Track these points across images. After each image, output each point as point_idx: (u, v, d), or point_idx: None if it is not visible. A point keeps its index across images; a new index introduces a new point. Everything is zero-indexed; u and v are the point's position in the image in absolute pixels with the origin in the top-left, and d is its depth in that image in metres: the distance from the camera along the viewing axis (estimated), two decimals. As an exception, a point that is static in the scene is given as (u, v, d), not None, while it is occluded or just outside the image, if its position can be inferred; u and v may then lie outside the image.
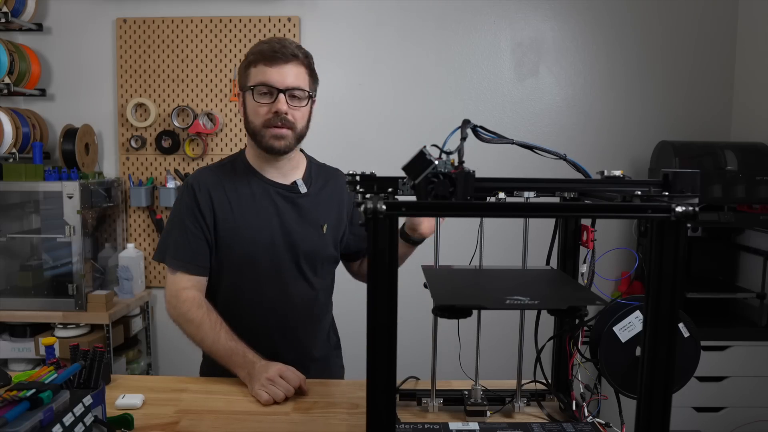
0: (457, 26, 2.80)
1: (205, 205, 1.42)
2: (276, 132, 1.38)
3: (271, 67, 1.36)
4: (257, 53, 1.38)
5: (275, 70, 1.36)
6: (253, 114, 1.39)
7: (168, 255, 1.44)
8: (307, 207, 1.46)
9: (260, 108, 1.37)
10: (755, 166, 2.38)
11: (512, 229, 1.43)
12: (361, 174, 0.84)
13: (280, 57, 1.35)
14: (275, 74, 1.35)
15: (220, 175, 1.47)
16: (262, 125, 1.38)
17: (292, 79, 1.37)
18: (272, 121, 1.37)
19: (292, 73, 1.37)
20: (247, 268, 1.43)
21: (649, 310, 0.78)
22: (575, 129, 2.82)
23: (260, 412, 1.19)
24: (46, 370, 0.92)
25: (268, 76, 1.36)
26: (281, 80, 1.35)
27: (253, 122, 1.40)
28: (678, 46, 2.78)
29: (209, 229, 1.43)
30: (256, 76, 1.37)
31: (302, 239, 1.44)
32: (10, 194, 2.63)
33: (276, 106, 1.36)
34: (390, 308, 0.76)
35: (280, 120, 1.37)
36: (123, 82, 2.84)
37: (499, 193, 0.89)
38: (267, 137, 1.39)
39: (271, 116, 1.37)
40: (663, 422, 0.78)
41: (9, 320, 2.55)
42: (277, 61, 1.36)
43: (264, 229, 1.42)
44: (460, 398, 1.16)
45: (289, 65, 1.36)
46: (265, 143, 1.40)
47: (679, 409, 2.14)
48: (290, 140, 1.40)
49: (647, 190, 0.86)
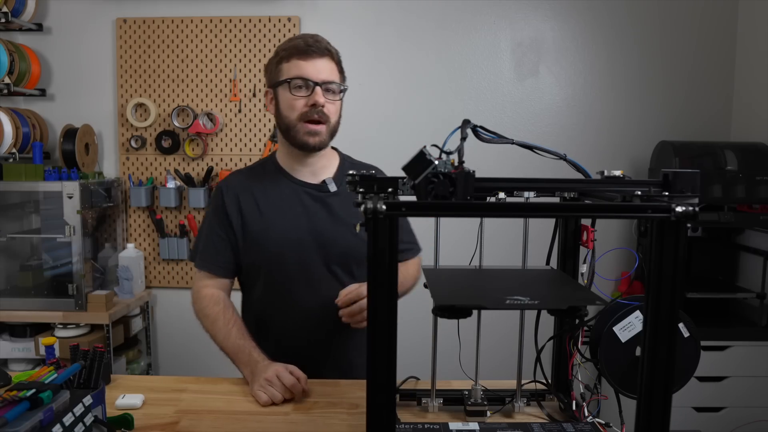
0: (457, 26, 2.80)
1: (232, 208, 1.44)
2: (311, 128, 1.37)
3: (306, 61, 1.36)
4: (290, 48, 1.38)
5: (310, 63, 1.36)
6: (288, 108, 1.38)
7: (196, 255, 1.49)
8: (337, 206, 1.44)
9: (296, 101, 1.36)
10: (755, 166, 2.38)
11: (512, 229, 1.43)
12: (361, 174, 0.84)
13: (314, 51, 1.36)
14: (310, 68, 1.36)
15: (249, 178, 1.48)
16: (297, 119, 1.37)
17: (327, 73, 1.37)
18: (308, 115, 1.36)
19: (326, 68, 1.38)
20: (276, 269, 1.43)
21: (649, 310, 0.78)
22: (575, 129, 2.82)
23: (260, 412, 1.19)
24: (46, 370, 0.92)
25: (303, 69, 1.36)
26: (316, 74, 1.36)
27: (288, 116, 1.39)
28: (678, 46, 2.78)
29: (235, 231, 1.44)
30: (290, 70, 1.37)
31: (333, 239, 1.42)
32: (10, 194, 2.63)
33: (313, 99, 1.35)
34: (390, 308, 0.76)
35: (317, 113, 1.36)
36: (123, 82, 2.84)
37: (499, 193, 0.89)
38: (302, 133, 1.38)
39: (308, 109, 1.36)
40: (663, 422, 0.78)
41: (9, 320, 2.55)
42: (311, 55, 1.36)
43: (292, 230, 1.41)
44: (460, 398, 1.16)
45: (323, 60, 1.38)
46: (299, 139, 1.39)
47: (679, 409, 2.15)
48: (324, 136, 1.40)
49: (647, 190, 0.86)
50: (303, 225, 1.42)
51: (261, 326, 1.48)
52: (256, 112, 2.83)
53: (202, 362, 2.95)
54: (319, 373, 1.40)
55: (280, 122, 1.42)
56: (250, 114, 2.82)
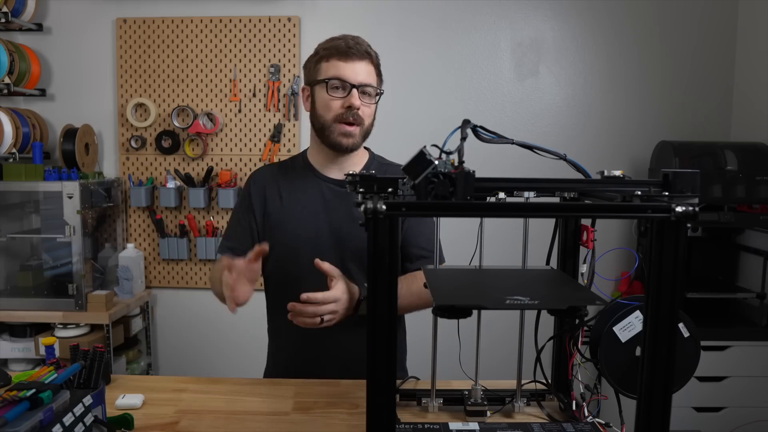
0: (457, 26, 2.80)
1: (256, 198, 1.47)
2: (345, 129, 1.38)
3: (346, 62, 1.37)
4: (331, 48, 1.38)
5: (349, 65, 1.37)
6: (324, 108, 1.39)
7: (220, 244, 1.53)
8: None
9: (333, 102, 1.37)
10: (755, 166, 2.38)
11: (512, 229, 1.42)
12: (362, 174, 0.84)
13: (354, 53, 1.37)
14: (349, 70, 1.37)
15: (278, 171, 1.51)
16: (333, 119, 1.38)
17: (364, 76, 1.39)
18: (344, 116, 1.37)
19: (365, 71, 1.39)
20: (291, 261, 1.43)
21: (649, 310, 0.78)
22: (575, 129, 2.82)
23: (260, 412, 1.19)
24: (46, 370, 0.92)
25: (342, 70, 1.36)
26: (354, 76, 1.37)
27: (323, 116, 1.39)
28: (678, 46, 2.78)
29: (256, 220, 1.47)
30: (329, 70, 1.37)
31: (349, 236, 1.41)
32: (10, 194, 2.63)
33: (349, 101, 1.36)
34: (390, 308, 0.76)
35: (352, 115, 1.37)
36: (123, 82, 2.84)
37: (499, 193, 0.89)
38: (336, 133, 1.38)
39: (344, 111, 1.37)
40: (663, 422, 0.78)
41: (9, 320, 2.55)
42: (351, 56, 1.37)
43: (310, 224, 1.42)
44: (460, 398, 1.16)
45: (362, 62, 1.39)
46: (333, 139, 1.39)
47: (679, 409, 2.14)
48: (357, 138, 1.41)
49: (647, 190, 0.86)
50: (322, 219, 1.43)
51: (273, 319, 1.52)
52: (256, 112, 2.83)
53: (202, 362, 2.96)
54: (324, 369, 1.40)
55: (315, 121, 1.43)
56: (250, 114, 2.82)
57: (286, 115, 2.81)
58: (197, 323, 2.92)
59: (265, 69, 2.80)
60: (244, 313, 2.00)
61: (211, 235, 2.83)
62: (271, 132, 2.82)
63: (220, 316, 2.84)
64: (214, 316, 2.88)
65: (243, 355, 2.76)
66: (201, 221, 2.86)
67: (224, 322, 2.89)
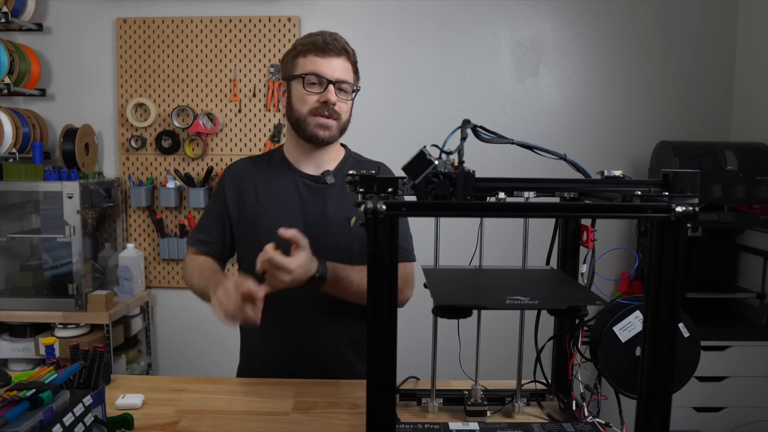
0: (457, 26, 2.80)
1: (230, 192, 1.47)
2: (322, 121, 1.38)
3: (323, 58, 1.37)
4: (308, 44, 1.38)
5: (326, 61, 1.37)
6: (300, 102, 1.39)
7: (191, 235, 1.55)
8: (333, 199, 1.43)
9: (309, 96, 1.37)
10: (755, 166, 2.38)
11: (512, 229, 1.43)
12: (361, 174, 0.84)
13: (331, 49, 1.37)
14: (326, 65, 1.37)
15: (253, 165, 1.50)
16: (308, 113, 1.38)
17: (341, 72, 1.38)
18: (320, 110, 1.37)
19: (341, 67, 1.39)
20: None
21: (649, 310, 0.78)
22: (575, 129, 2.82)
23: (260, 411, 1.19)
24: (46, 370, 0.92)
25: (318, 66, 1.36)
26: (331, 72, 1.37)
27: (299, 110, 1.39)
28: (678, 46, 2.78)
29: (230, 215, 1.46)
30: (305, 65, 1.38)
31: (325, 233, 1.41)
32: (10, 194, 2.63)
33: (325, 96, 1.36)
34: (390, 308, 0.76)
35: (328, 110, 1.37)
36: (123, 82, 2.84)
37: (499, 193, 0.89)
38: (312, 125, 1.38)
39: (319, 105, 1.37)
40: (663, 422, 0.78)
41: (9, 320, 2.55)
42: (328, 52, 1.37)
43: (284, 219, 1.40)
44: (460, 398, 1.16)
45: (339, 59, 1.38)
46: (309, 131, 1.39)
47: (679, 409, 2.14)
48: (334, 131, 1.41)
49: (647, 190, 0.86)
50: (296, 215, 1.42)
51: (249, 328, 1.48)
52: (256, 112, 2.83)
53: (202, 362, 2.96)
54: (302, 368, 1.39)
55: (291, 115, 1.42)
56: (250, 114, 2.82)
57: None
58: (197, 323, 2.91)
59: (265, 69, 2.80)
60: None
61: (211, 235, 2.83)
62: (271, 132, 2.82)
63: (220, 316, 2.84)
64: (214, 316, 2.88)
65: (243, 355, 2.76)
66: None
67: (224, 322, 2.88)
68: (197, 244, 1.49)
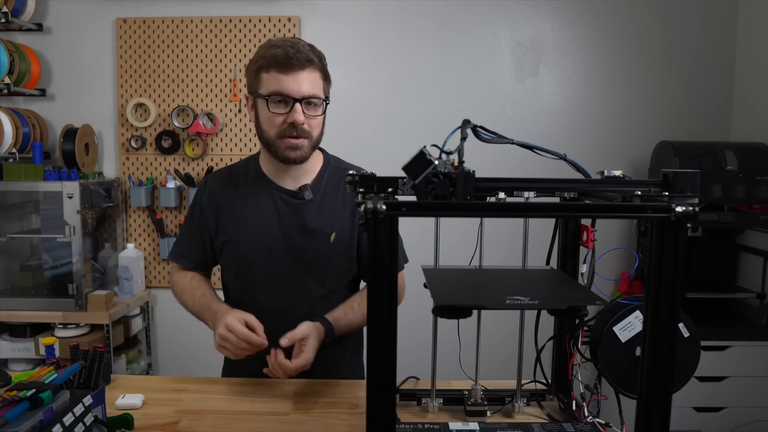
0: (457, 26, 2.80)
1: (208, 207, 1.44)
2: (292, 143, 1.31)
3: (286, 74, 1.28)
4: (270, 58, 1.29)
5: (290, 78, 1.28)
6: (268, 124, 1.32)
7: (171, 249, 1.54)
8: (311, 215, 1.39)
9: (275, 118, 1.30)
10: (755, 166, 2.38)
11: (512, 229, 1.43)
12: (361, 174, 0.84)
13: (295, 63, 1.27)
14: (291, 82, 1.28)
15: (230, 178, 1.46)
16: (276, 136, 1.32)
17: (308, 86, 1.29)
18: (288, 132, 1.31)
19: (308, 81, 1.29)
20: (246, 273, 1.42)
21: (649, 310, 0.78)
22: (575, 129, 2.82)
23: (260, 412, 1.19)
24: (46, 370, 0.92)
25: (282, 84, 1.28)
26: (297, 89, 1.28)
27: (267, 132, 1.33)
28: (678, 46, 2.78)
29: (209, 231, 1.44)
30: (269, 83, 1.29)
31: (304, 249, 1.38)
32: (10, 194, 2.63)
33: (292, 117, 1.29)
34: (390, 308, 0.76)
35: (297, 131, 1.30)
36: (123, 82, 2.84)
37: (499, 193, 0.89)
38: (282, 148, 1.32)
39: (287, 126, 1.30)
40: (663, 422, 0.78)
41: (9, 320, 2.55)
42: (292, 68, 1.28)
43: (263, 235, 1.38)
44: (460, 398, 1.16)
45: (304, 72, 1.29)
46: (280, 155, 1.34)
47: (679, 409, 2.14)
48: (306, 150, 1.34)
49: (647, 190, 0.86)
50: (275, 231, 1.38)
51: None
52: (256, 112, 2.82)
53: (202, 362, 2.95)
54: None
55: (260, 135, 1.37)
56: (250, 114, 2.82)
57: (286, 115, 2.81)
58: (197, 323, 2.90)
59: (265, 69, 2.79)
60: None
61: (211, 235, 2.83)
62: (271, 132, 2.82)
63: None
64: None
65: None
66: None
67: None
68: (180, 259, 1.49)
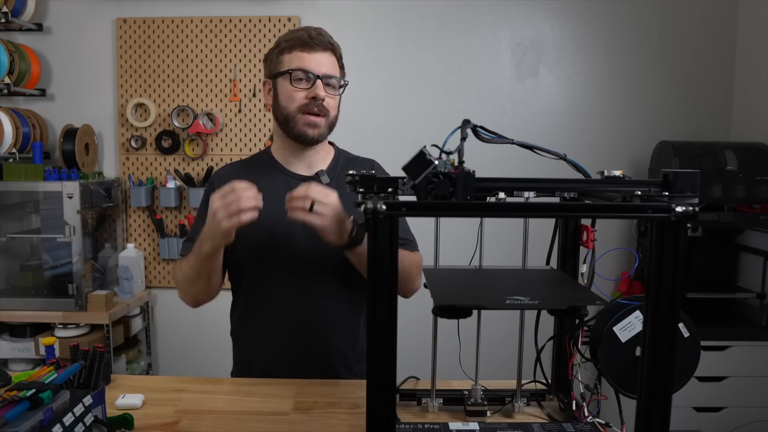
0: (457, 26, 2.80)
1: None
2: (311, 119, 1.35)
3: (309, 53, 1.34)
4: (292, 39, 1.35)
5: (312, 56, 1.34)
6: (288, 99, 1.36)
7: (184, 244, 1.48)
8: None
9: (297, 93, 1.34)
10: (755, 166, 2.38)
11: (512, 229, 1.43)
12: (361, 174, 0.84)
13: (317, 44, 1.35)
14: (312, 61, 1.34)
15: (242, 169, 1.47)
16: (297, 110, 1.35)
17: (328, 67, 1.36)
18: (308, 107, 1.34)
19: (328, 62, 1.36)
20: (263, 260, 1.40)
21: (649, 310, 0.78)
22: (575, 129, 2.82)
23: (260, 412, 1.19)
24: (46, 370, 0.92)
25: (305, 62, 1.34)
26: (318, 67, 1.34)
27: (286, 107, 1.36)
28: (678, 46, 2.78)
29: None
30: (291, 61, 1.35)
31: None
32: (10, 194, 2.63)
33: (314, 92, 1.33)
34: (390, 308, 0.76)
35: (317, 106, 1.34)
36: (123, 82, 2.84)
37: (499, 193, 0.89)
38: (300, 124, 1.36)
39: (307, 102, 1.34)
40: (663, 422, 0.78)
41: (9, 320, 2.55)
42: (314, 47, 1.34)
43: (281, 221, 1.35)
44: (460, 398, 1.16)
45: (325, 53, 1.36)
46: (297, 130, 1.36)
47: (679, 409, 2.14)
48: (323, 128, 1.38)
49: (647, 190, 0.86)
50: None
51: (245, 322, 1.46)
52: (256, 112, 2.83)
53: (202, 362, 2.95)
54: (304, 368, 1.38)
55: (278, 113, 1.39)
56: (250, 114, 2.82)
57: (286, 115, 2.81)
58: (197, 323, 2.91)
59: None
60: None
61: (211, 235, 2.83)
62: (271, 132, 2.82)
63: (220, 316, 2.83)
64: (214, 316, 2.87)
65: (243, 355, 2.76)
66: (201, 221, 2.86)
67: (224, 322, 2.88)
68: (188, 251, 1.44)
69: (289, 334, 1.41)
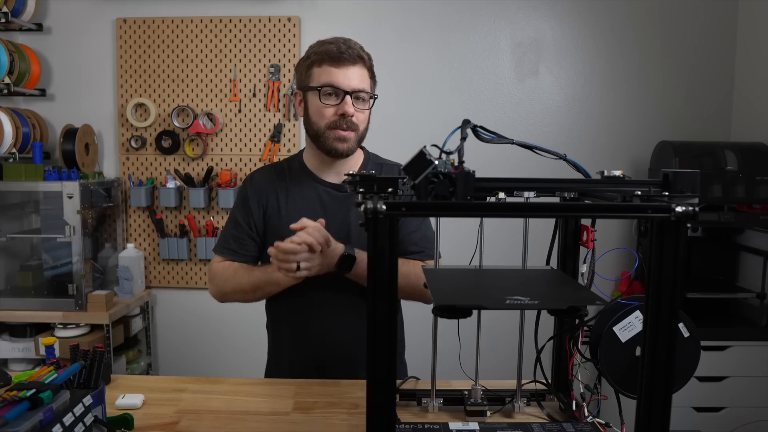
0: (457, 26, 2.80)
1: (254, 200, 1.46)
2: (340, 134, 1.36)
3: (338, 68, 1.34)
4: (322, 53, 1.36)
5: (341, 71, 1.34)
6: (318, 115, 1.37)
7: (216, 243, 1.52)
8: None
9: (326, 109, 1.35)
10: (755, 166, 2.38)
11: (512, 229, 1.42)
12: (361, 174, 0.84)
13: (346, 58, 1.34)
14: (341, 76, 1.34)
15: (274, 174, 1.49)
16: (326, 127, 1.36)
17: (358, 81, 1.36)
18: (338, 123, 1.35)
19: (358, 75, 1.36)
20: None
21: (649, 310, 0.78)
22: (575, 129, 2.82)
23: (260, 412, 1.19)
24: (46, 370, 0.92)
25: (334, 77, 1.34)
26: (347, 82, 1.34)
27: (316, 123, 1.38)
28: (678, 46, 2.78)
29: (255, 223, 1.46)
30: (321, 76, 1.35)
31: (346, 241, 1.39)
32: (10, 194, 2.63)
33: (343, 108, 1.34)
34: (390, 308, 0.76)
35: (346, 122, 1.35)
36: (123, 82, 2.84)
37: (499, 193, 0.89)
38: (331, 139, 1.37)
39: (337, 118, 1.35)
40: (663, 422, 0.78)
41: (9, 320, 2.55)
42: (343, 62, 1.34)
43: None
44: (460, 398, 1.16)
45: (355, 67, 1.36)
46: (328, 145, 1.38)
47: (679, 409, 2.14)
48: (353, 143, 1.39)
49: (647, 190, 0.86)
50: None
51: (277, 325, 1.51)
52: (256, 112, 2.83)
53: (202, 362, 2.96)
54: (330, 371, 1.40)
55: (309, 127, 1.41)
56: (250, 114, 2.82)
57: (286, 115, 2.81)
58: (197, 323, 2.92)
59: (265, 69, 2.80)
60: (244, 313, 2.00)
61: (211, 235, 2.83)
62: (271, 132, 2.82)
63: (220, 316, 2.84)
64: (214, 316, 2.88)
65: (243, 355, 2.76)
66: (201, 221, 2.86)
67: (224, 322, 2.89)
68: (222, 251, 1.47)
69: (316, 334, 1.44)
